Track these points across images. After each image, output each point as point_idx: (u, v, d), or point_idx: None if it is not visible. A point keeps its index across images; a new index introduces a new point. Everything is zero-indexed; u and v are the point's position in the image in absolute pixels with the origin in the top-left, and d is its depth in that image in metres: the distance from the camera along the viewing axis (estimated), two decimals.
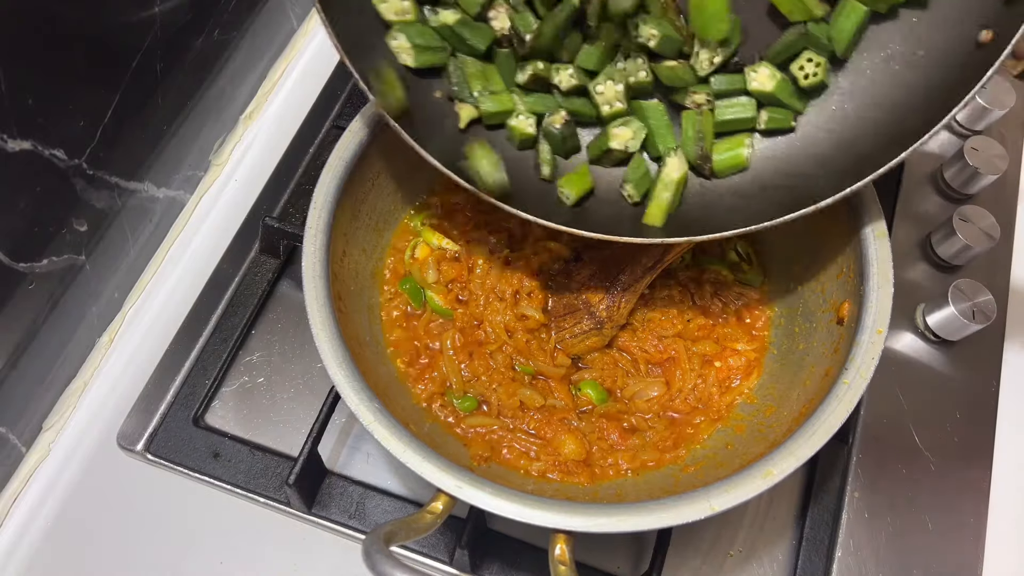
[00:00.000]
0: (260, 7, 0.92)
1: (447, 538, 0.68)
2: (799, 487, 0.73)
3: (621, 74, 0.59)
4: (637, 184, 0.61)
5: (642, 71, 0.59)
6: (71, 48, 0.66)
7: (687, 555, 0.70)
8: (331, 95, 0.93)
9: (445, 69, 0.61)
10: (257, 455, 0.72)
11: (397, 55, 0.59)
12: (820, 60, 0.57)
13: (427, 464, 0.53)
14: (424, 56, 0.59)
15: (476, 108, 0.60)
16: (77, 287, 0.76)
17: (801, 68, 0.58)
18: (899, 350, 0.78)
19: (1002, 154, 0.84)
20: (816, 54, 0.57)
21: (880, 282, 0.60)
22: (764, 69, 0.58)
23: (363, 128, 0.67)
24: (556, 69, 0.60)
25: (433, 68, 0.61)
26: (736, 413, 0.67)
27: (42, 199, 0.67)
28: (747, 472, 0.53)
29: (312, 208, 0.63)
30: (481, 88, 0.60)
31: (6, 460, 0.73)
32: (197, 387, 0.75)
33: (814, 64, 0.58)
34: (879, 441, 0.74)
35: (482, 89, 0.60)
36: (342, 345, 0.57)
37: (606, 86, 0.59)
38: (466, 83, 0.60)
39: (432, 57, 0.60)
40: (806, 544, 0.69)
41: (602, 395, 0.68)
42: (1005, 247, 0.84)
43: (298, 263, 0.78)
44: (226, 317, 0.79)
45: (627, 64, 0.59)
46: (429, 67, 0.60)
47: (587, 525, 0.51)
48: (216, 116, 0.90)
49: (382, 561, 0.45)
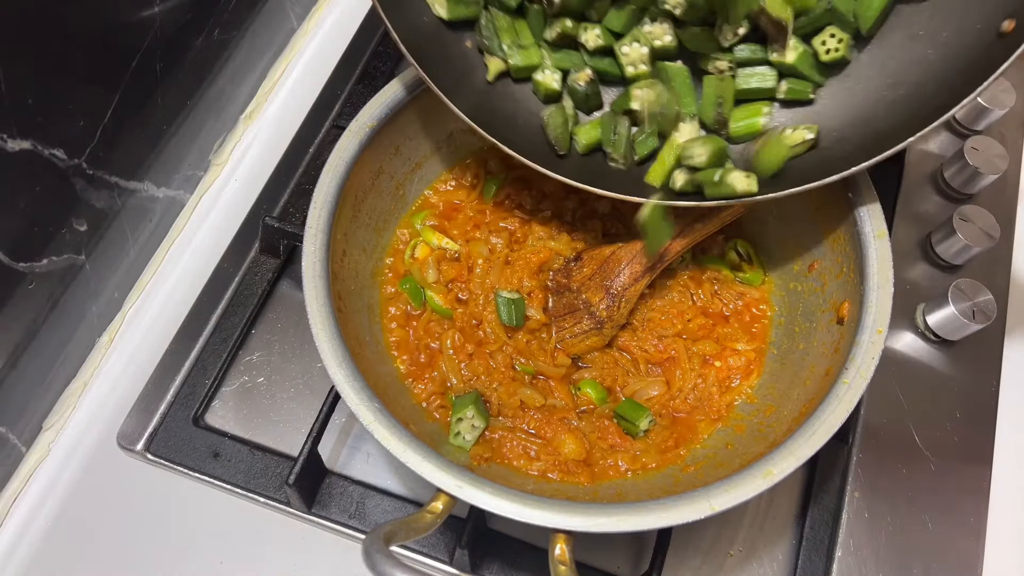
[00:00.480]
0: (260, 7, 0.92)
1: (447, 538, 0.68)
2: (799, 487, 0.73)
3: (647, 37, 0.60)
4: (644, 142, 0.62)
5: (668, 35, 0.60)
6: (71, 48, 0.66)
7: (687, 555, 0.70)
8: (331, 95, 0.93)
9: (477, 22, 0.62)
10: (257, 455, 0.72)
11: (431, 5, 0.60)
12: (843, 36, 0.58)
13: (427, 464, 0.53)
14: (457, 8, 0.61)
15: (505, 61, 0.61)
16: (77, 287, 0.76)
17: (823, 43, 0.58)
18: (899, 350, 0.78)
19: (1002, 154, 0.83)
20: (840, 30, 0.58)
21: (880, 282, 0.60)
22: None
23: (363, 128, 0.67)
24: (584, 28, 0.61)
25: (465, 20, 0.62)
26: (736, 413, 0.67)
27: (42, 199, 0.67)
28: (747, 472, 0.53)
29: (312, 208, 0.63)
30: (510, 42, 0.61)
31: (6, 460, 0.73)
32: (197, 387, 0.75)
33: (836, 40, 0.58)
34: (879, 441, 0.74)
35: (511, 43, 0.61)
36: (342, 345, 0.57)
37: (631, 47, 0.60)
38: (496, 36, 0.61)
39: (465, 10, 0.61)
40: (806, 544, 0.69)
41: (602, 394, 0.68)
42: (1005, 247, 0.84)
43: (298, 263, 0.78)
44: (226, 317, 0.79)
45: (653, 27, 0.60)
46: (462, 19, 0.61)
47: (587, 525, 0.51)
48: (216, 116, 0.90)
49: (382, 561, 0.45)
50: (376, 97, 0.68)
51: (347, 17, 1.02)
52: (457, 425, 0.64)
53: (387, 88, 0.68)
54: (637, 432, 0.65)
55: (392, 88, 0.68)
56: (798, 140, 0.59)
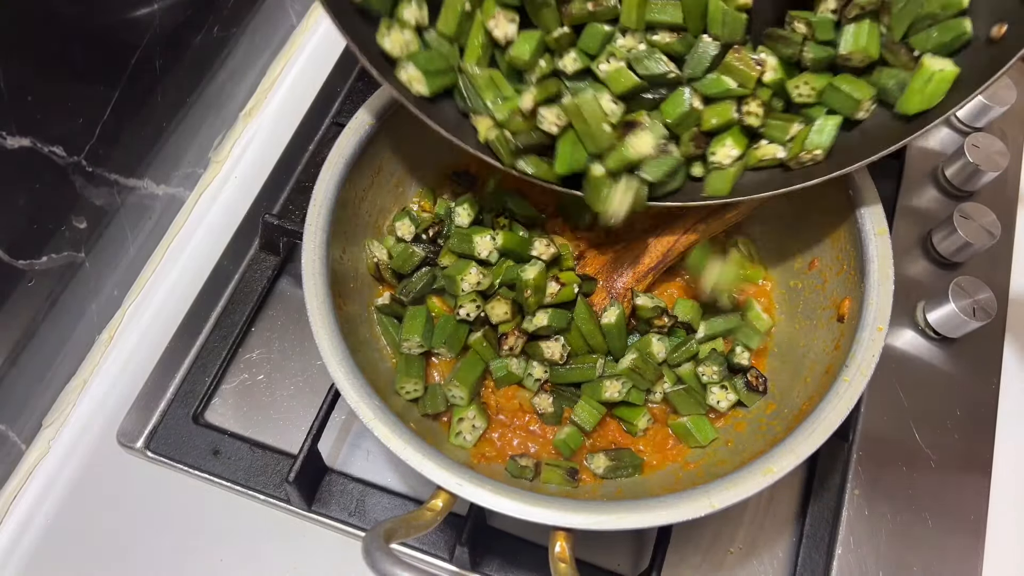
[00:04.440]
0: (259, 4, 0.92)
1: (447, 535, 0.68)
2: (799, 484, 0.73)
3: (621, 51, 0.59)
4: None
5: (641, 44, 0.59)
6: (70, 45, 0.65)
7: (687, 552, 0.70)
8: (331, 92, 0.93)
9: (455, 88, 0.61)
10: (257, 452, 0.72)
11: (410, 86, 0.60)
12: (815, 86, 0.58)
13: (427, 461, 0.53)
14: (436, 81, 0.60)
15: (492, 118, 0.60)
16: (77, 284, 0.75)
17: (796, 87, 0.59)
18: (899, 347, 0.78)
19: (1003, 151, 0.83)
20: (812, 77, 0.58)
21: (881, 279, 0.60)
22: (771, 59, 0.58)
23: (363, 125, 0.67)
24: (559, 56, 0.60)
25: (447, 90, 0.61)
26: (736, 410, 0.67)
27: (41, 196, 0.67)
28: (747, 469, 0.53)
29: (312, 205, 0.63)
30: (493, 97, 0.60)
31: (6, 457, 0.73)
32: (197, 384, 0.75)
33: (809, 87, 0.58)
34: (879, 438, 0.74)
35: (494, 98, 0.60)
36: (342, 342, 0.57)
37: (608, 64, 0.60)
38: (478, 96, 0.61)
39: (443, 80, 0.60)
40: (806, 541, 0.69)
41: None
42: (1006, 244, 0.84)
43: (298, 260, 0.78)
44: (226, 314, 0.79)
45: (626, 40, 0.60)
46: (442, 90, 0.61)
47: (587, 523, 0.51)
48: (216, 113, 0.90)
49: (382, 558, 0.45)
50: (376, 94, 0.68)
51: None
52: (458, 425, 0.64)
53: (387, 86, 0.68)
54: (636, 431, 0.65)
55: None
56: (768, 155, 0.60)
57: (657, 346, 0.66)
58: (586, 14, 0.59)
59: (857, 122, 0.58)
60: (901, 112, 0.56)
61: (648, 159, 0.58)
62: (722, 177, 0.60)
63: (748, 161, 0.61)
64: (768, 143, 0.60)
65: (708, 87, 0.59)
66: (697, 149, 0.60)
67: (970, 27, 0.53)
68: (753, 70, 0.57)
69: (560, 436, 0.64)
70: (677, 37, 0.59)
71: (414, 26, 0.59)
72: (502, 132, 0.59)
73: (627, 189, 0.59)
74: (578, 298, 0.66)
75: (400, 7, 0.59)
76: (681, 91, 0.59)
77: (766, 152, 0.60)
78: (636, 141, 0.58)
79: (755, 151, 0.60)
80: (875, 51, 0.56)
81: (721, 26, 0.57)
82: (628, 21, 0.59)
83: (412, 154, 0.73)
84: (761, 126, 0.60)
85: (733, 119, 0.59)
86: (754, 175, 0.62)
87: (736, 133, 0.60)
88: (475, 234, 0.67)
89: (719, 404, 0.65)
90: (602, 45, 0.60)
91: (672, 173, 0.60)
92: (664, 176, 0.59)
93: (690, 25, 0.59)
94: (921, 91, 0.54)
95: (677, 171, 0.60)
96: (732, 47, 0.58)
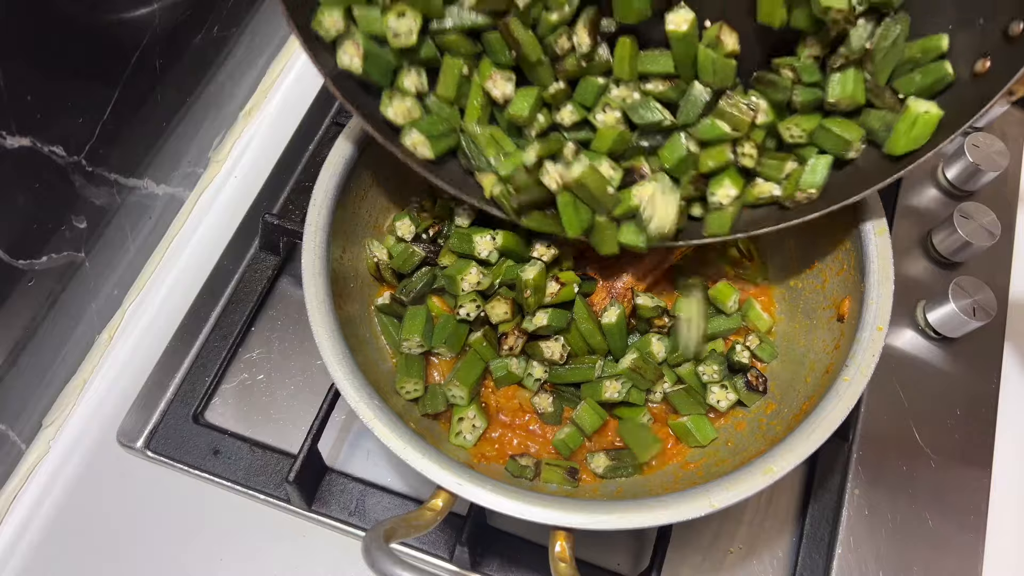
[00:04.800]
0: (259, 4, 0.92)
1: (447, 535, 0.68)
2: (799, 484, 0.73)
3: (616, 101, 0.61)
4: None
5: (635, 93, 0.61)
6: (70, 44, 0.65)
7: (687, 552, 0.70)
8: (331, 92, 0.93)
9: (458, 148, 0.63)
10: (257, 452, 0.72)
11: (414, 151, 0.61)
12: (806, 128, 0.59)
13: (427, 461, 0.53)
14: (440, 144, 0.61)
15: (496, 174, 0.61)
16: (76, 284, 0.75)
17: (788, 129, 0.60)
18: (900, 347, 0.78)
19: (1003, 151, 0.83)
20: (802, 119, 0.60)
21: (881, 279, 0.60)
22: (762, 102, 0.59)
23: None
24: (557, 110, 0.62)
25: (450, 151, 0.63)
26: (736, 410, 0.67)
27: (41, 196, 0.67)
28: (747, 469, 0.53)
29: (312, 205, 0.63)
30: (495, 154, 0.61)
31: (6, 457, 0.73)
32: (197, 384, 0.75)
33: (800, 129, 0.59)
34: (879, 438, 0.74)
35: (496, 154, 0.61)
36: (342, 342, 0.57)
37: (604, 114, 0.61)
38: (481, 153, 0.62)
39: (446, 142, 0.62)
40: (806, 541, 0.69)
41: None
42: (1006, 244, 0.84)
43: (298, 260, 0.78)
44: (226, 314, 0.79)
45: (620, 90, 0.61)
46: (445, 152, 0.62)
47: (587, 522, 0.51)
48: (216, 112, 0.90)
49: (382, 558, 0.45)
50: None
51: None
52: (458, 425, 0.64)
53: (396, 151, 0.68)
54: None
55: None
56: (765, 192, 0.61)
57: (657, 346, 0.66)
58: (580, 69, 0.60)
59: (848, 161, 0.60)
60: (889, 153, 0.57)
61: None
62: (721, 217, 0.62)
63: (746, 199, 0.62)
64: (764, 182, 0.62)
65: (703, 132, 0.60)
66: (697, 191, 0.61)
67: (951, 69, 0.55)
68: (746, 115, 0.59)
69: (560, 436, 0.64)
70: (670, 85, 0.60)
71: (415, 93, 0.61)
72: (506, 187, 0.61)
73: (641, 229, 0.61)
74: (578, 298, 0.66)
75: (400, 77, 0.60)
76: (678, 136, 0.61)
77: (763, 190, 0.61)
78: (640, 191, 0.60)
79: (752, 189, 0.62)
80: (861, 97, 0.57)
81: (712, 74, 0.58)
82: (621, 73, 0.60)
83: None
84: (757, 166, 0.61)
85: (729, 161, 0.60)
86: (751, 212, 0.63)
87: (733, 174, 0.61)
88: (475, 234, 0.67)
89: (719, 404, 0.65)
90: (597, 97, 0.61)
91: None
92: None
93: (681, 73, 0.60)
94: (907, 134, 0.56)
95: (680, 216, 0.62)
96: (724, 92, 0.59)
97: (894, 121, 0.56)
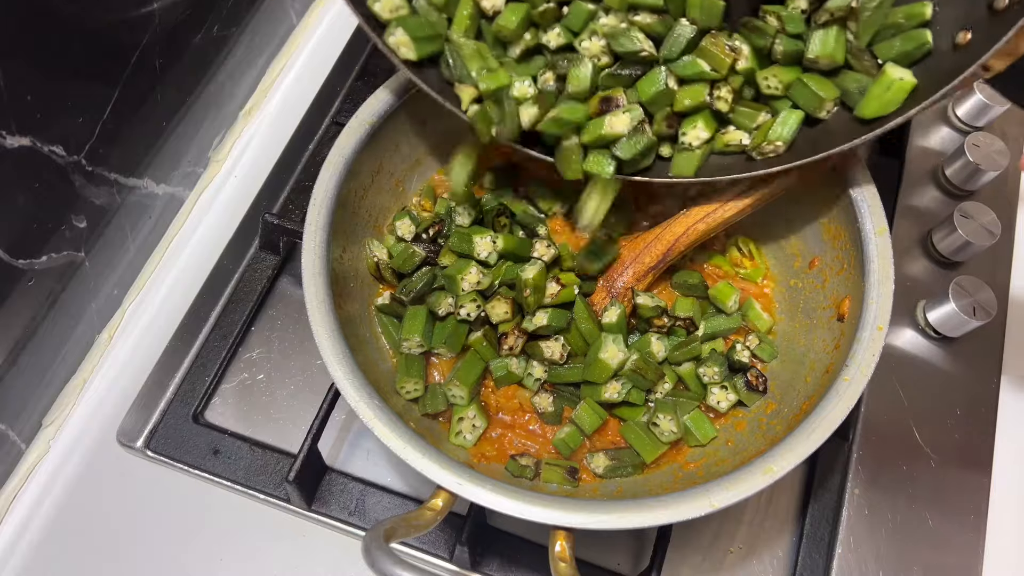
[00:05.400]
0: (259, 3, 0.92)
1: (447, 535, 0.68)
2: (799, 484, 0.73)
3: (604, 28, 0.61)
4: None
5: (622, 23, 0.61)
6: (70, 44, 0.65)
7: (687, 552, 0.70)
8: (331, 91, 0.93)
9: (442, 56, 0.62)
10: (257, 452, 0.72)
11: (397, 50, 0.61)
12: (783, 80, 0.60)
13: (427, 460, 0.53)
14: (424, 48, 0.61)
15: (476, 88, 0.61)
16: (76, 284, 0.75)
17: (765, 79, 0.60)
18: (900, 347, 0.78)
19: (1003, 150, 0.83)
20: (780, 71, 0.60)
21: (881, 278, 0.60)
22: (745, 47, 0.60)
23: (363, 124, 0.67)
24: (544, 31, 0.63)
25: (431, 57, 0.63)
26: (736, 410, 0.67)
27: (41, 195, 0.67)
28: (747, 469, 0.53)
29: (312, 205, 0.63)
30: (479, 67, 0.61)
31: (6, 457, 0.73)
32: (197, 384, 0.75)
33: (777, 80, 0.60)
34: (880, 438, 0.74)
35: (480, 68, 0.61)
36: (342, 342, 0.57)
37: (590, 42, 0.61)
38: (464, 65, 0.61)
39: (430, 46, 0.62)
40: (806, 541, 0.69)
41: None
42: (1006, 243, 0.84)
43: (298, 260, 0.78)
44: (226, 314, 0.79)
45: (608, 19, 0.61)
46: (428, 56, 0.62)
47: (587, 522, 0.51)
48: (215, 112, 0.90)
49: (382, 558, 0.45)
50: (376, 94, 0.68)
51: (346, 13, 1.01)
52: (458, 424, 0.64)
53: (387, 85, 0.68)
54: None
55: (392, 85, 0.68)
56: (734, 140, 0.62)
57: (657, 345, 0.66)
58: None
59: (818, 120, 0.60)
60: (859, 115, 0.58)
61: (622, 137, 0.60)
62: (689, 158, 0.62)
63: (715, 145, 0.62)
64: (735, 129, 0.62)
65: (683, 69, 0.60)
66: (669, 129, 0.62)
67: (931, 38, 0.56)
68: (727, 56, 0.59)
69: (560, 436, 0.64)
70: (657, 19, 0.60)
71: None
72: (483, 107, 0.61)
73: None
74: (578, 298, 0.66)
75: None
76: (657, 71, 0.61)
77: (732, 138, 0.62)
78: (613, 120, 0.60)
79: (722, 136, 0.62)
80: (841, 57, 0.58)
81: (699, 11, 0.59)
82: (612, 1, 0.61)
83: (412, 153, 0.73)
84: (730, 112, 0.61)
85: (705, 102, 0.61)
86: (718, 159, 0.63)
87: (706, 116, 0.61)
88: (475, 234, 0.67)
89: (719, 404, 0.65)
90: (585, 23, 0.62)
91: (644, 152, 0.61)
92: (636, 155, 0.61)
93: (670, 8, 0.60)
94: (880, 97, 0.56)
95: (649, 150, 0.62)
96: (709, 32, 0.60)
97: (869, 85, 0.57)
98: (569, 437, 0.64)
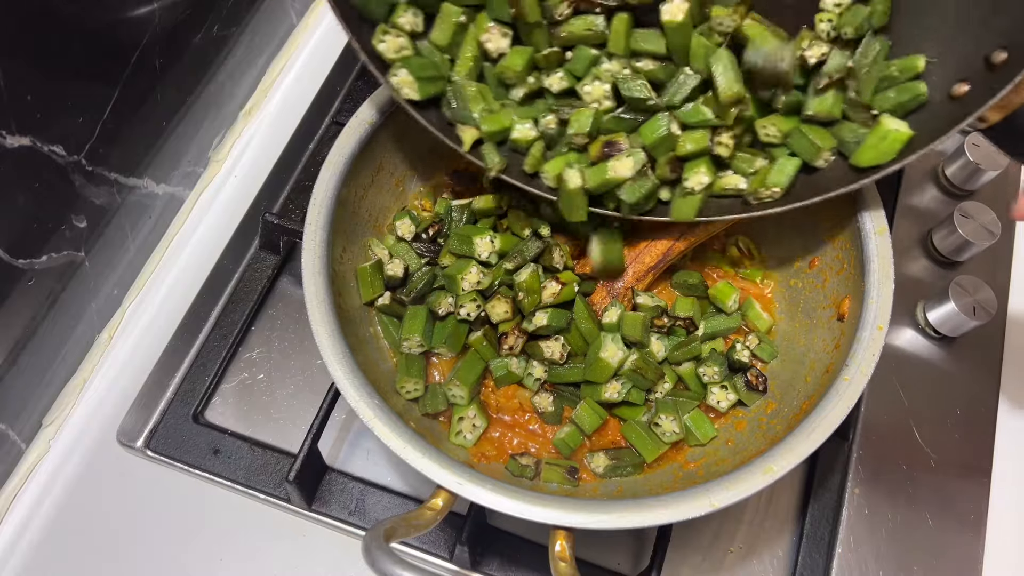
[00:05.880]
0: (259, 3, 0.92)
1: (447, 534, 0.68)
2: (799, 484, 0.73)
3: (607, 74, 0.61)
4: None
5: (626, 68, 0.61)
6: (70, 44, 0.65)
7: (687, 551, 0.70)
8: (331, 91, 0.93)
9: (443, 97, 0.63)
10: (257, 451, 0.72)
11: (399, 90, 0.61)
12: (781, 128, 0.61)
13: (427, 460, 0.53)
14: (427, 88, 0.61)
15: (478, 128, 0.62)
16: (76, 283, 0.75)
17: (764, 127, 0.61)
18: (900, 346, 0.78)
19: None
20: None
21: (881, 278, 0.60)
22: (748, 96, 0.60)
23: (363, 124, 0.67)
24: (547, 74, 0.63)
25: (434, 98, 0.63)
26: (736, 409, 0.67)
27: (41, 195, 0.67)
28: (747, 468, 0.53)
29: (312, 205, 0.63)
30: (481, 109, 0.62)
31: (6, 457, 0.73)
32: (197, 383, 0.75)
33: (776, 128, 0.61)
34: (880, 437, 0.74)
35: (482, 110, 0.62)
36: (342, 341, 0.57)
37: (593, 86, 0.62)
38: (466, 105, 0.62)
39: (433, 87, 0.62)
40: (806, 540, 0.69)
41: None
42: (1006, 243, 0.84)
43: (298, 259, 0.78)
44: (226, 313, 0.79)
45: (611, 64, 0.62)
46: (431, 97, 0.62)
47: (587, 522, 0.51)
48: (215, 112, 0.90)
49: (382, 557, 0.45)
50: (376, 93, 0.68)
51: None
52: (458, 424, 0.64)
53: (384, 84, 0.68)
54: None
55: None
56: (731, 184, 0.62)
57: (657, 345, 0.66)
58: (575, 37, 0.61)
59: (815, 168, 0.61)
60: (855, 164, 0.59)
61: (627, 181, 0.61)
62: (691, 202, 0.63)
63: (713, 189, 0.63)
64: (733, 174, 0.63)
65: (687, 115, 0.61)
66: (672, 174, 0.62)
67: (926, 89, 0.57)
68: (732, 105, 0.59)
69: (560, 435, 0.64)
70: (660, 65, 0.61)
71: (409, 32, 0.61)
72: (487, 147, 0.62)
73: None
74: (578, 298, 0.66)
75: (396, 13, 0.61)
76: (660, 116, 0.61)
77: (730, 182, 0.62)
78: (617, 165, 0.60)
79: (720, 180, 0.63)
80: (839, 112, 0.59)
81: (703, 62, 0.59)
82: (615, 47, 0.61)
83: (412, 153, 0.73)
84: (730, 157, 0.62)
85: (708, 147, 0.61)
86: (715, 201, 0.64)
87: (707, 162, 0.62)
88: (475, 234, 0.67)
89: (719, 404, 0.65)
90: (588, 67, 0.62)
91: (648, 196, 0.62)
92: (641, 199, 0.61)
93: (674, 56, 0.61)
94: (876, 147, 0.57)
95: (652, 194, 0.62)
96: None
97: (865, 135, 0.58)
98: (569, 437, 0.64)
